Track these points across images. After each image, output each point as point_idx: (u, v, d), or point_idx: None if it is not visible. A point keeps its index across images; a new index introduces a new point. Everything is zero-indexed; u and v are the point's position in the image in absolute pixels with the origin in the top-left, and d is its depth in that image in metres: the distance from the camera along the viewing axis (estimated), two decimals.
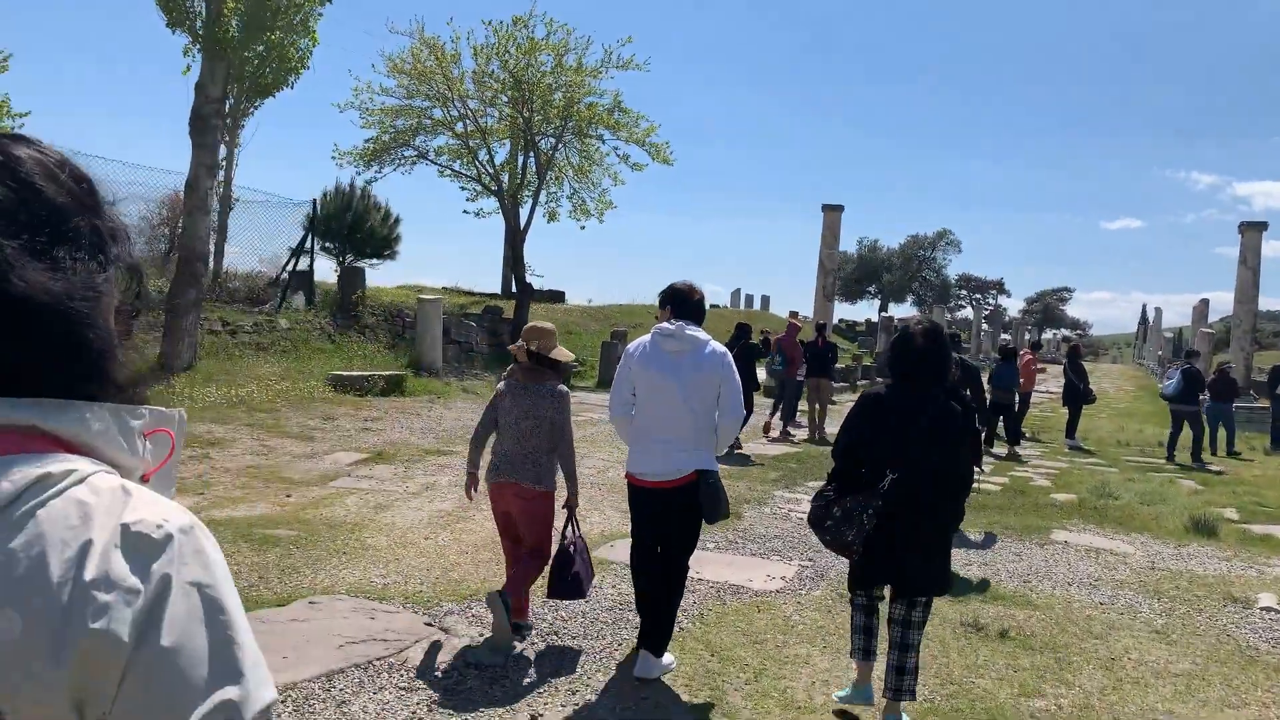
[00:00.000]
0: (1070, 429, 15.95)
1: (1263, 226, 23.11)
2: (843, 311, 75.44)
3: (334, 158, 21.82)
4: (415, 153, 22.04)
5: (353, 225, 25.75)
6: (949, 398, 3.90)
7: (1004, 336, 45.40)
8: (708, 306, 5.10)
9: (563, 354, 4.77)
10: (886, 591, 4.08)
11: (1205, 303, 33.02)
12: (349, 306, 17.26)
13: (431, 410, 13.32)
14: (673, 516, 4.28)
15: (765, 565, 6.52)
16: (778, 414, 14.52)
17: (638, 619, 4.49)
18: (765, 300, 56.94)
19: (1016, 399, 14.61)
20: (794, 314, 36.91)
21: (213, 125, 12.40)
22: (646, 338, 4.38)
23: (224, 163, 17.16)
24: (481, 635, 4.63)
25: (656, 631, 4.28)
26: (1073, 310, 79.80)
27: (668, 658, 4.38)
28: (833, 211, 26.61)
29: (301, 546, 6.04)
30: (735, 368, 4.36)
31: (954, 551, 7.49)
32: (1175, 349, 41.29)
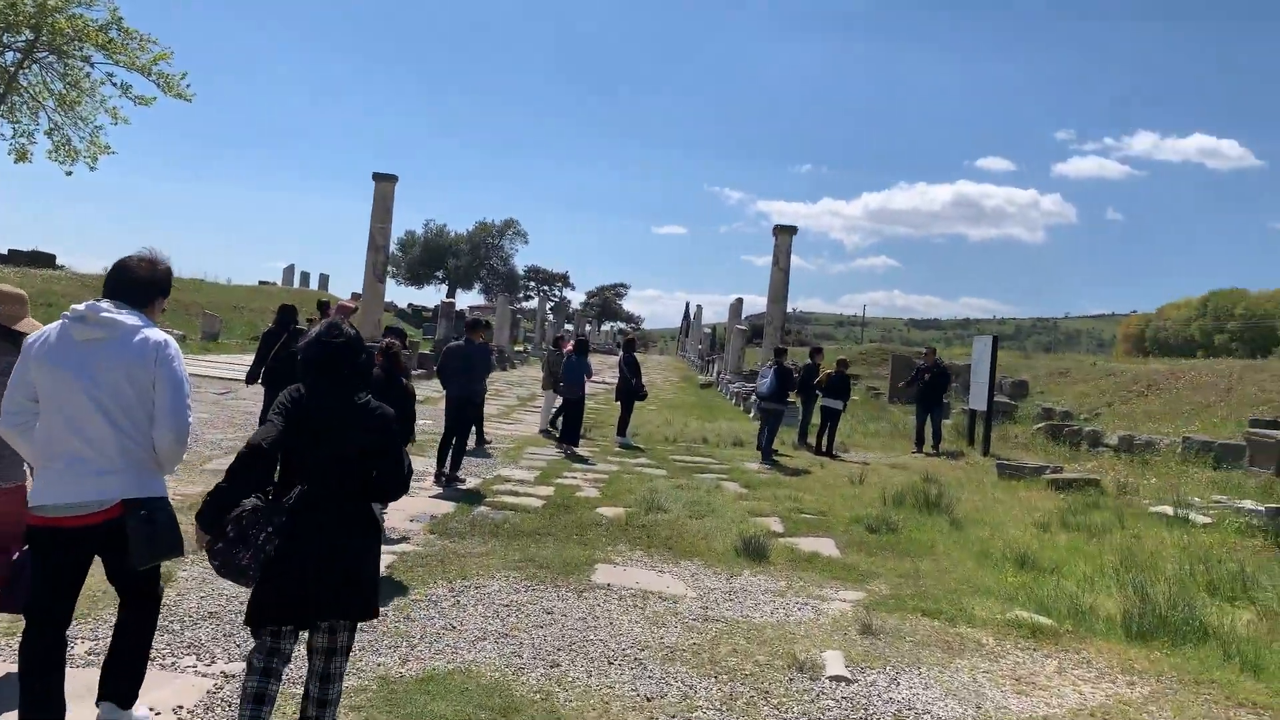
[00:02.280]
0: (622, 425, 15.24)
1: (793, 230, 24.72)
2: (410, 295, 72.99)
3: None
4: None
5: None
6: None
7: (567, 327, 46.04)
8: (259, 283, 3.26)
9: (31, 325, 3.84)
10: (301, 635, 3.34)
11: (740, 301, 35.61)
12: None
13: None
14: (111, 564, 3.28)
15: (160, 682, 4.06)
16: None
17: None
18: (325, 279, 52.72)
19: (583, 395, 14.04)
20: (355, 295, 33.66)
21: None
22: (55, 324, 3.34)
23: None
24: None
25: (123, 679, 3.39)
26: (628, 305, 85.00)
27: (141, 710, 3.55)
28: (385, 181, 23.81)
29: None
30: (178, 362, 3.32)
31: (473, 614, 5.66)
32: (712, 343, 44.69)
